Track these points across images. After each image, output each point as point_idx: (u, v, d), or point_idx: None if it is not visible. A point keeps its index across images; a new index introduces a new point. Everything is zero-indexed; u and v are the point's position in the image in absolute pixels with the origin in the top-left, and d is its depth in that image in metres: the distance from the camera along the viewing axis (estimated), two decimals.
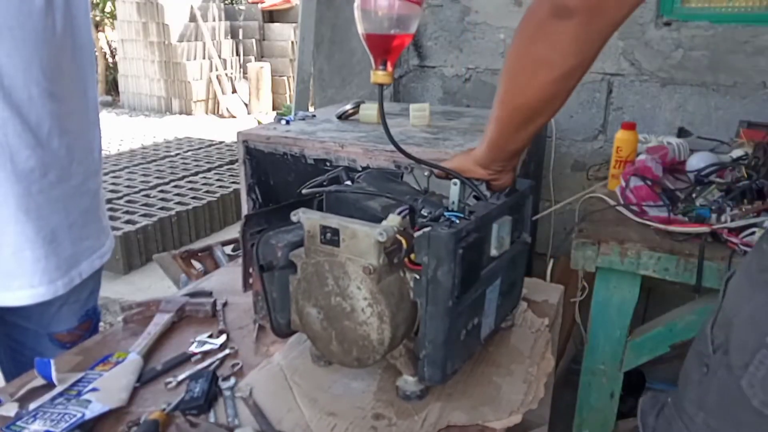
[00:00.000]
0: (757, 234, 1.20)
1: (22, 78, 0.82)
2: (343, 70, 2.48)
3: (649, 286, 1.81)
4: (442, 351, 0.80)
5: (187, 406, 0.81)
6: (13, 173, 0.86)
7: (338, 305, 0.80)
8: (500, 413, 0.83)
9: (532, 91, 0.72)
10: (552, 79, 0.69)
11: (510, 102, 0.76)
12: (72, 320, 1.07)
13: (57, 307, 1.04)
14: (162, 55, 8.19)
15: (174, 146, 5.54)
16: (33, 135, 0.86)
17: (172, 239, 3.64)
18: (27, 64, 0.82)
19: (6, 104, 0.81)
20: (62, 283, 0.98)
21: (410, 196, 0.91)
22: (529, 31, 0.69)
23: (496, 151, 0.84)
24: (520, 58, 0.72)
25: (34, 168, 0.88)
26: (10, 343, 1.09)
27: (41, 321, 1.04)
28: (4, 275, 0.91)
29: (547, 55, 0.68)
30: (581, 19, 0.64)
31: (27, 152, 0.86)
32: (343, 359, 0.84)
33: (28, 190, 0.88)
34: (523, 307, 1.13)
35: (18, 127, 0.84)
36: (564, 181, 2.24)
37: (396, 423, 0.81)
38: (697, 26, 1.95)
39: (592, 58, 0.68)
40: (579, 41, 0.66)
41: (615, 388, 1.46)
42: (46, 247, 0.93)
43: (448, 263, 0.75)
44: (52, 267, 0.95)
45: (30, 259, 0.92)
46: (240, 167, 1.45)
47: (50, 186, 0.92)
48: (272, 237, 0.87)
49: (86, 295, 1.09)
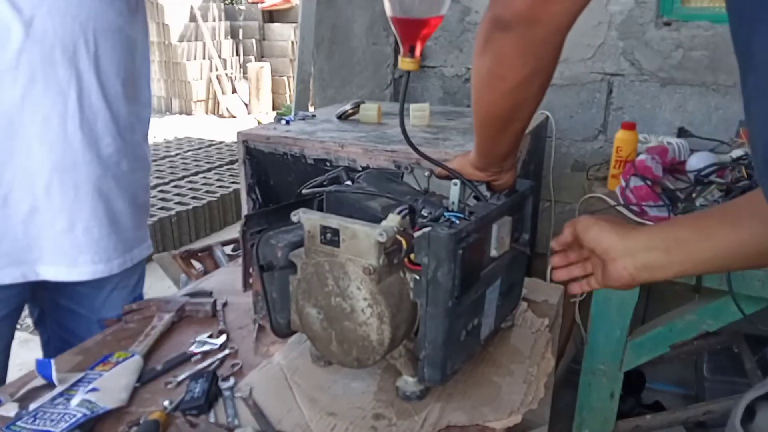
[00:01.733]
0: None
1: (114, 76, 0.96)
2: (343, 70, 2.48)
3: (649, 286, 1.81)
4: (441, 351, 0.80)
5: (187, 406, 0.81)
6: (97, 156, 0.97)
7: (338, 305, 0.80)
8: (500, 413, 0.83)
9: (492, 103, 0.73)
10: (507, 89, 0.69)
11: (478, 111, 0.77)
12: (120, 306, 1.11)
13: (108, 291, 1.10)
14: (162, 55, 8.18)
15: (174, 146, 5.54)
16: (115, 126, 0.99)
17: (172, 239, 3.64)
18: (118, 65, 0.97)
19: (101, 96, 0.95)
20: (117, 263, 1.05)
21: (410, 196, 0.91)
22: (478, 46, 0.69)
23: (485, 156, 0.85)
24: (476, 73, 0.72)
25: (112, 154, 1.00)
26: (60, 333, 1.15)
27: (93, 305, 1.10)
28: (75, 250, 0.99)
29: (496, 68, 0.68)
30: (519, 31, 0.63)
31: (109, 139, 0.98)
32: (342, 360, 0.84)
33: (105, 173, 0.99)
34: (523, 308, 1.13)
35: (107, 117, 0.97)
36: (564, 181, 2.24)
37: (396, 423, 0.81)
38: (697, 26, 1.95)
39: (548, 65, 0.67)
40: (522, 52, 0.65)
41: (615, 388, 1.46)
42: (109, 227, 1.02)
43: (448, 264, 0.75)
44: (111, 246, 1.03)
45: (96, 236, 1.00)
46: (240, 167, 1.45)
47: (122, 173, 1.03)
48: (272, 237, 0.87)
49: (134, 281, 1.15)
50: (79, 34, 0.89)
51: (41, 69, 0.88)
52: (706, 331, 1.35)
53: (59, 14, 0.87)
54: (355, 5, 2.38)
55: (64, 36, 0.88)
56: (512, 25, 0.63)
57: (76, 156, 0.94)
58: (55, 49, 0.88)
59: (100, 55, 0.93)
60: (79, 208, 0.97)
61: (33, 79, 0.88)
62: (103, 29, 0.93)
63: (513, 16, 0.62)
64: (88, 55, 0.91)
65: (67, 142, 0.93)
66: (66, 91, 0.91)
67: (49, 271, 0.99)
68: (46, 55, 0.88)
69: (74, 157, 0.94)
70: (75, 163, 0.95)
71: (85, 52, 0.91)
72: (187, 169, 4.66)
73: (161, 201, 3.89)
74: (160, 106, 8.56)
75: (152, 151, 5.41)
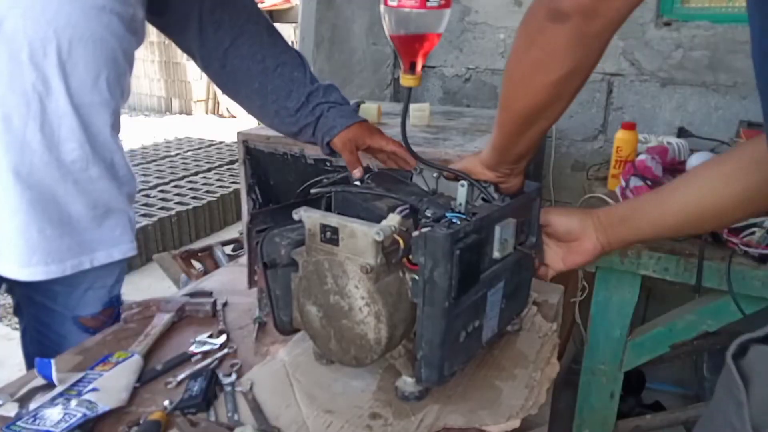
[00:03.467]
0: (757, 234, 1.20)
1: (90, 85, 0.96)
2: (343, 70, 2.48)
3: (649, 286, 1.81)
4: (438, 352, 0.79)
5: (185, 405, 0.81)
6: (56, 160, 0.96)
7: (337, 304, 0.80)
8: (498, 417, 0.82)
9: (530, 95, 0.72)
10: (549, 83, 0.69)
11: (510, 106, 0.76)
12: (96, 305, 1.11)
13: (83, 291, 1.09)
14: (162, 55, 8.19)
15: (174, 146, 5.54)
16: (84, 133, 0.98)
17: (172, 239, 3.64)
18: (96, 75, 0.96)
19: (68, 102, 0.94)
20: (71, 264, 1.04)
21: (417, 197, 0.90)
22: (526, 35, 0.69)
23: (500, 154, 0.84)
24: (518, 62, 0.72)
25: (76, 160, 0.99)
26: (37, 325, 1.14)
27: (68, 303, 1.09)
28: (29, 250, 0.98)
29: (543, 59, 0.68)
30: (576, 23, 0.63)
31: (73, 145, 0.97)
32: (341, 358, 0.84)
33: (64, 177, 0.98)
34: (532, 311, 1.11)
35: (73, 123, 0.96)
36: (564, 181, 2.24)
37: (392, 423, 0.81)
38: (697, 26, 1.95)
39: (593, 61, 0.68)
40: (574, 45, 0.65)
41: (615, 388, 1.46)
42: (62, 229, 1.01)
43: (444, 264, 0.74)
44: (65, 248, 1.02)
45: (50, 237, 0.99)
46: (240, 167, 1.45)
47: (88, 179, 1.01)
48: (276, 235, 0.88)
49: (111, 282, 1.14)
50: (52, 39, 0.89)
51: (7, 69, 0.88)
52: (706, 331, 1.35)
53: (32, 17, 0.87)
54: (355, 5, 2.38)
55: (35, 39, 0.88)
56: (570, 17, 0.63)
57: (34, 158, 0.94)
58: (22, 50, 0.88)
59: (74, 62, 0.93)
60: (34, 210, 0.96)
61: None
62: (82, 38, 0.92)
63: (573, 8, 0.62)
64: (59, 60, 0.91)
65: (25, 144, 0.93)
66: (29, 93, 0.90)
67: (5, 268, 0.98)
68: (14, 55, 0.88)
69: (32, 158, 0.94)
70: (32, 165, 0.94)
71: (55, 58, 0.90)
72: (187, 169, 4.67)
73: (161, 201, 3.89)
74: (160, 106, 8.57)
75: (152, 151, 5.43)
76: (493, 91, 2.30)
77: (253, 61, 1.12)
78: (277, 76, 1.13)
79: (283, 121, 1.16)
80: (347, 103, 1.17)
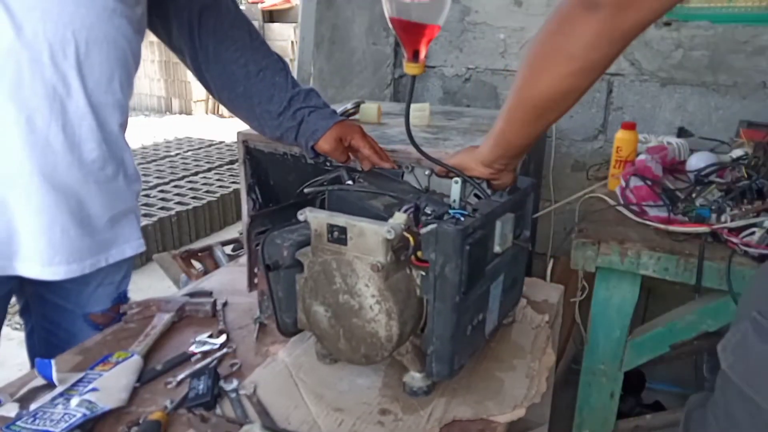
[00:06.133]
0: (757, 234, 1.20)
1: (104, 86, 0.99)
2: (343, 70, 2.48)
3: (649, 286, 1.81)
4: (449, 346, 0.80)
5: (193, 403, 0.81)
6: (78, 160, 0.98)
7: (346, 303, 0.80)
8: (504, 407, 0.84)
9: (548, 82, 0.71)
10: (569, 72, 0.69)
11: (525, 93, 0.75)
12: (106, 301, 1.13)
13: (94, 287, 1.11)
14: (162, 55, 8.18)
15: (174, 146, 5.54)
16: (101, 132, 1.00)
17: (172, 239, 3.64)
18: (110, 75, 0.99)
19: (87, 102, 0.96)
20: (90, 263, 1.05)
21: (412, 195, 0.91)
22: (555, 21, 0.69)
23: (501, 145, 0.83)
24: (542, 46, 0.71)
25: (96, 160, 1.01)
26: (46, 324, 1.15)
27: (79, 300, 1.11)
28: (51, 250, 0.99)
29: (569, 46, 0.67)
30: (609, 13, 0.63)
31: (92, 145, 0.99)
32: (351, 357, 0.84)
33: (86, 177, 1.00)
34: (522, 304, 1.13)
35: (92, 123, 0.98)
36: (564, 181, 2.24)
37: (402, 418, 0.82)
38: (697, 26, 1.95)
39: (612, 57, 0.67)
40: (602, 36, 0.65)
41: (615, 388, 1.46)
42: (84, 229, 1.03)
43: (456, 260, 0.75)
44: (85, 247, 1.04)
45: (73, 237, 1.01)
46: (240, 167, 1.44)
47: (105, 178, 1.04)
48: (277, 237, 0.88)
49: (119, 278, 1.16)
50: (70, 40, 0.91)
51: (29, 71, 0.89)
52: (706, 331, 1.35)
53: (51, 20, 0.88)
54: (355, 5, 2.38)
55: (54, 41, 0.89)
56: (604, 7, 0.62)
57: (57, 158, 0.95)
58: (43, 52, 0.89)
59: (91, 63, 0.95)
60: (59, 210, 0.98)
61: (20, 80, 0.88)
62: (97, 40, 0.94)
63: None
64: (77, 61, 0.93)
65: (48, 145, 0.94)
66: (51, 94, 0.92)
67: (25, 268, 0.99)
68: (35, 58, 0.89)
69: (55, 159, 0.95)
70: (56, 166, 0.95)
71: (74, 59, 0.92)
72: (187, 169, 4.66)
73: (161, 201, 3.89)
74: (160, 105, 8.56)
75: (152, 151, 5.43)
76: (493, 91, 2.30)
77: (237, 66, 1.14)
78: (260, 80, 1.14)
79: (267, 125, 1.18)
80: (328, 106, 1.18)
